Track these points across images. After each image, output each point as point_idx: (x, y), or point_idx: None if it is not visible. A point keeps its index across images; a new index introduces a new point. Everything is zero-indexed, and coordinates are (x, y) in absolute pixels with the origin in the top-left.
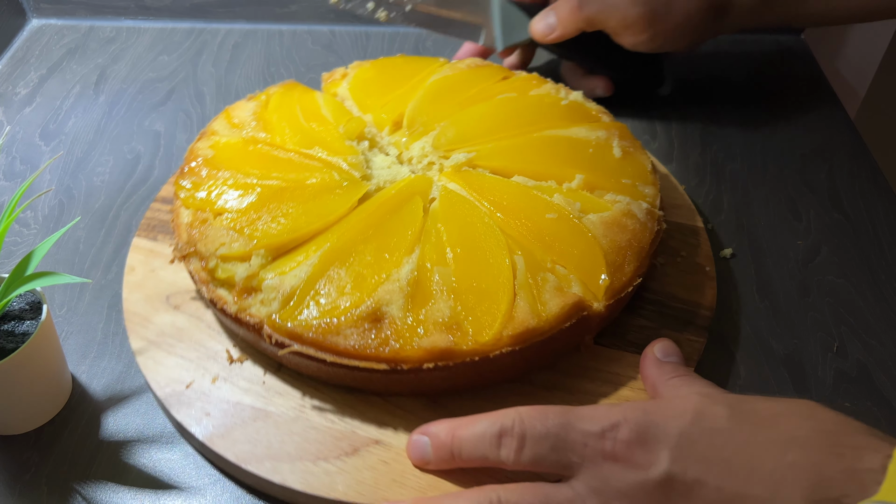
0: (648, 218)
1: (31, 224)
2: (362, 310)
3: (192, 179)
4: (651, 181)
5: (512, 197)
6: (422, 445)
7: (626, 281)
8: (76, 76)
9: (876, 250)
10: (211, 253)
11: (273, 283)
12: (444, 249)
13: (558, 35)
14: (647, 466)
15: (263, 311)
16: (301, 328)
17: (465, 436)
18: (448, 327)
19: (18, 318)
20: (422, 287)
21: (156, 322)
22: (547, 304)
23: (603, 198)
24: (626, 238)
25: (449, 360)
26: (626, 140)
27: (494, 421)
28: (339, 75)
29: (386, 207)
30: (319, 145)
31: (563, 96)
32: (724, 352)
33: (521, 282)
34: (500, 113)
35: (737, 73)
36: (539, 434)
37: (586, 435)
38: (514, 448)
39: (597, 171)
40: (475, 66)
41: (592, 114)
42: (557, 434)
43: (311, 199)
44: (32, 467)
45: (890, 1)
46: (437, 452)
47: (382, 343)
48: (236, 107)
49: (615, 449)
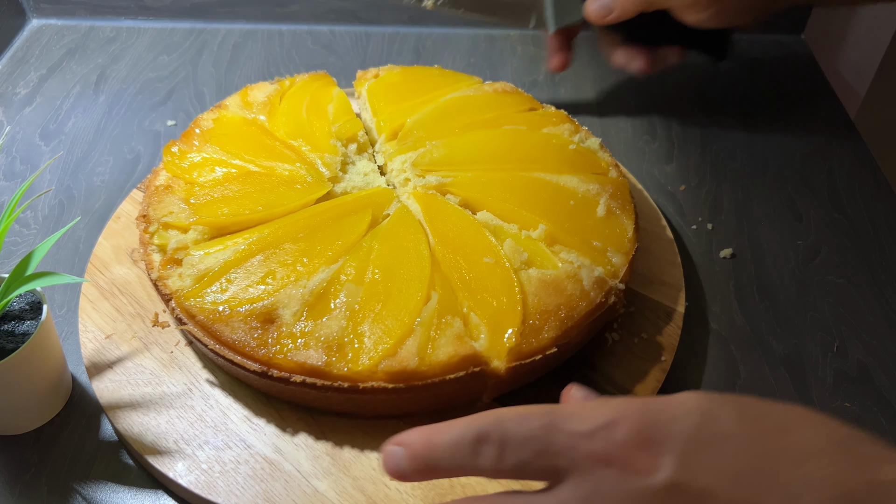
0: (595, 287)
1: (31, 224)
2: (258, 307)
3: (182, 146)
4: (625, 250)
5: (459, 231)
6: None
7: (539, 347)
8: (76, 76)
9: (876, 250)
10: (157, 218)
11: (194, 259)
12: (367, 268)
13: (616, 16)
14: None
15: (177, 285)
16: (196, 309)
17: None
18: (328, 346)
19: (18, 318)
20: (323, 300)
21: (112, 271)
22: (437, 350)
23: (559, 254)
24: (556, 302)
25: (319, 379)
26: (618, 200)
27: (469, 425)
28: (371, 75)
29: (333, 213)
30: (304, 139)
31: (576, 140)
32: (725, 352)
33: (424, 320)
34: (497, 144)
35: (737, 73)
36: (521, 438)
37: (574, 436)
38: (493, 456)
39: (566, 225)
40: (501, 92)
41: (601, 165)
42: (541, 437)
43: (269, 189)
44: (32, 467)
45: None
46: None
47: (261, 344)
48: (256, 87)
49: (609, 451)
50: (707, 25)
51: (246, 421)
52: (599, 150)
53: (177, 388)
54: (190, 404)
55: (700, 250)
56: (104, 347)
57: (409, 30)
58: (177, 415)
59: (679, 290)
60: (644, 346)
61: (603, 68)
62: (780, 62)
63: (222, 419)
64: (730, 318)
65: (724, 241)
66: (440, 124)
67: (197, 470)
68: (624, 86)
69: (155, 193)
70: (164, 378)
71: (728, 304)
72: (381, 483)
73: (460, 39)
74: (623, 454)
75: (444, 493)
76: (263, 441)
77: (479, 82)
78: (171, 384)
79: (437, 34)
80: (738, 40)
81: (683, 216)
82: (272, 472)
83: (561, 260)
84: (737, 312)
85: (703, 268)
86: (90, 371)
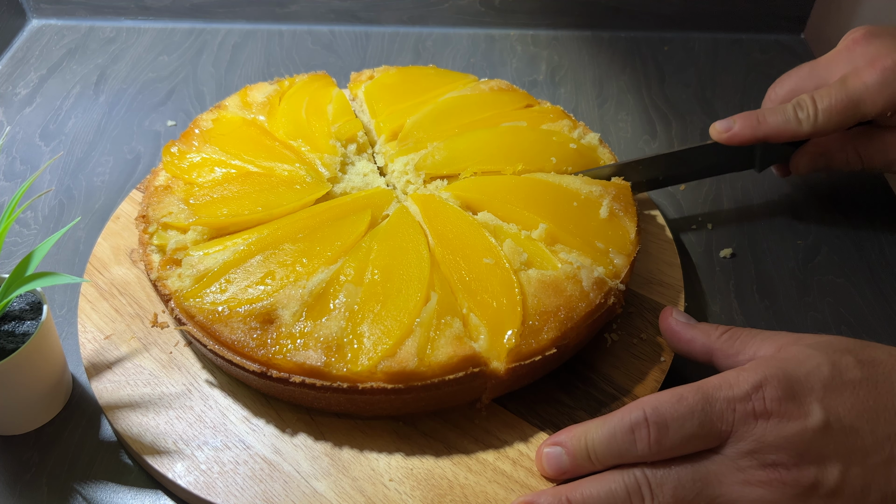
0: (595, 288)
1: (31, 224)
2: (257, 307)
3: (181, 147)
4: (627, 251)
5: (459, 232)
6: (556, 456)
7: (538, 348)
8: (76, 76)
9: (876, 250)
10: (156, 218)
11: (193, 260)
12: (366, 268)
13: None
14: (802, 417)
15: (176, 285)
16: (196, 309)
17: (596, 438)
18: (328, 347)
19: (19, 318)
20: (322, 300)
21: (111, 272)
22: (436, 351)
23: (559, 255)
24: (556, 303)
25: (318, 379)
26: (621, 202)
27: (622, 417)
28: (365, 76)
29: (333, 213)
30: (304, 139)
31: (574, 136)
32: None
33: (424, 321)
34: (498, 143)
35: (737, 73)
36: (683, 414)
37: (731, 400)
38: (653, 438)
39: (569, 226)
40: (497, 90)
41: (601, 163)
42: (702, 409)
43: (269, 189)
44: (32, 467)
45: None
46: (573, 460)
47: (260, 345)
48: (255, 87)
49: (767, 407)
50: None
51: (245, 421)
52: (599, 147)
53: (176, 388)
54: (189, 405)
55: (700, 250)
56: (103, 348)
57: (409, 30)
58: (176, 415)
59: (678, 291)
60: (643, 347)
61: (603, 68)
62: (780, 62)
63: (221, 420)
64: (730, 317)
65: (724, 241)
66: (440, 124)
67: (196, 470)
68: (624, 86)
69: (154, 194)
70: (163, 378)
71: (728, 304)
72: (379, 483)
73: (460, 39)
74: (777, 407)
75: (444, 493)
76: (262, 442)
77: (475, 80)
78: (170, 385)
79: (437, 34)
80: (738, 40)
81: (683, 216)
82: (271, 473)
83: (560, 261)
84: (737, 312)
85: (703, 268)
86: (89, 371)
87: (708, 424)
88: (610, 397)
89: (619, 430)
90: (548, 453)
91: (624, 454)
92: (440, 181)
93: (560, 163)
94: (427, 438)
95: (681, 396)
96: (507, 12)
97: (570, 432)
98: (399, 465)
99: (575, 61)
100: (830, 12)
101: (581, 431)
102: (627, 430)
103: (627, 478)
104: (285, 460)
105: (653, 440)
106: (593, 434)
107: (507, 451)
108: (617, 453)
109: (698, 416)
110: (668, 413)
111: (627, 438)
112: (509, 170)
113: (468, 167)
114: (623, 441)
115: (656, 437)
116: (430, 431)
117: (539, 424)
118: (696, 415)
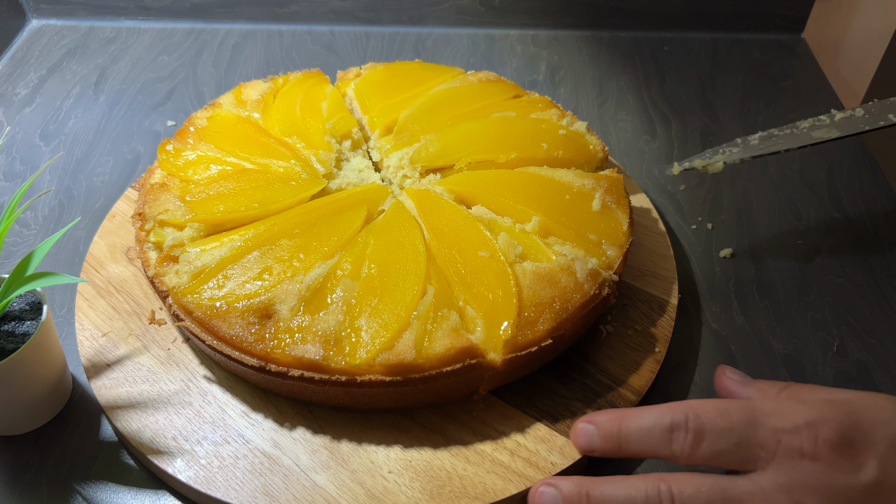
0: (589, 279)
1: (31, 224)
2: (255, 302)
3: (177, 144)
4: (620, 243)
5: (454, 226)
6: (588, 433)
7: (534, 339)
8: (76, 76)
9: (876, 250)
10: (153, 216)
11: (190, 256)
12: (363, 263)
13: None
14: (852, 470)
15: (174, 282)
16: (193, 305)
17: (633, 428)
18: (326, 341)
19: (19, 318)
20: (319, 295)
21: (108, 269)
22: (434, 343)
23: (553, 247)
24: (551, 294)
25: (316, 373)
26: (613, 195)
27: (663, 414)
28: (352, 74)
29: (329, 209)
30: (298, 136)
31: (564, 124)
32: (725, 351)
33: (421, 313)
34: (491, 133)
35: (737, 73)
36: (722, 429)
37: (778, 431)
38: (688, 443)
39: (561, 218)
40: (486, 81)
41: (590, 149)
42: (745, 430)
43: (264, 186)
44: (32, 467)
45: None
46: (603, 442)
47: (258, 339)
48: (249, 85)
49: (814, 448)
50: None
51: (244, 416)
52: (587, 134)
53: (174, 384)
54: (188, 401)
55: (700, 250)
56: (101, 346)
57: (409, 30)
58: (175, 411)
59: (672, 283)
60: (638, 338)
61: (603, 68)
62: (780, 62)
63: (220, 415)
64: (729, 317)
65: (724, 241)
66: (432, 117)
67: (196, 465)
68: (624, 85)
69: (150, 191)
70: (161, 375)
71: (728, 304)
72: (378, 476)
73: (460, 39)
74: (827, 452)
75: (442, 483)
76: (262, 436)
77: (462, 73)
78: (169, 381)
79: (436, 34)
80: (738, 40)
81: (683, 216)
82: (271, 467)
83: (555, 253)
84: (737, 312)
85: (703, 267)
86: (87, 369)
87: (745, 447)
88: (605, 388)
89: (658, 427)
90: (581, 429)
91: (657, 450)
92: (434, 175)
93: (551, 149)
94: (425, 430)
95: (725, 410)
96: (507, 12)
97: (607, 415)
98: (398, 457)
99: (575, 61)
100: (830, 12)
101: (617, 417)
102: (666, 430)
103: (650, 489)
104: (285, 454)
105: (688, 445)
106: (630, 424)
107: (504, 441)
108: (650, 448)
109: (737, 436)
110: (707, 423)
111: (665, 437)
112: (503, 158)
113: (462, 157)
114: (659, 439)
115: (692, 444)
116: (429, 423)
117: (536, 415)
118: (735, 433)
